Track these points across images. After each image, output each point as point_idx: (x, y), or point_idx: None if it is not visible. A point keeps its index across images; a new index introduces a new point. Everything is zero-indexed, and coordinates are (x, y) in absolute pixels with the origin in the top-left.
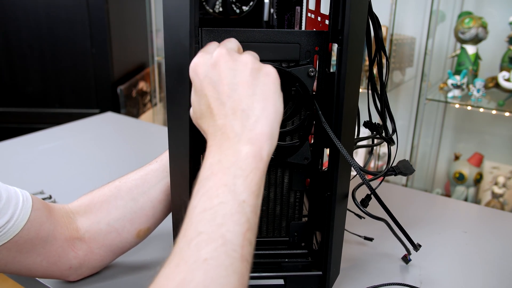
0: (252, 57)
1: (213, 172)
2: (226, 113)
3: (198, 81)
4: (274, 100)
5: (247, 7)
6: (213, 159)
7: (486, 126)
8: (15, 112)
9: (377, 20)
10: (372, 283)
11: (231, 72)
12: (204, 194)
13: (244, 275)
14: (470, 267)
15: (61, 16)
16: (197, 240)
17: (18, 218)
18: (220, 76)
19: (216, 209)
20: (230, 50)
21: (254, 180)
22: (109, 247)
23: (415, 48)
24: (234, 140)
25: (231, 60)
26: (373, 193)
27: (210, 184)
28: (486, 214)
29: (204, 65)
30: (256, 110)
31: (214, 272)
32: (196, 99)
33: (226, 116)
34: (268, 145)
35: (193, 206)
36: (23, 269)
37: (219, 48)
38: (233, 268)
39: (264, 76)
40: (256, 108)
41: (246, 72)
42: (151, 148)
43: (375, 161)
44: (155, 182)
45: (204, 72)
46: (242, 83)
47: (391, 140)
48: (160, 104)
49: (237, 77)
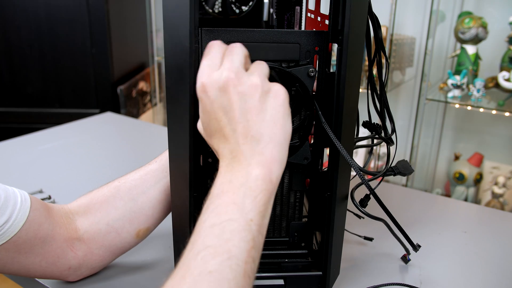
0: (261, 77)
1: (223, 190)
2: (236, 138)
3: (208, 103)
4: (283, 124)
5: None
6: (224, 179)
7: (486, 126)
8: (15, 112)
9: (377, 20)
10: (372, 283)
11: (241, 97)
12: (213, 211)
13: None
14: (470, 267)
15: (61, 16)
16: (204, 253)
17: (17, 218)
18: (230, 101)
19: (224, 224)
20: (238, 71)
21: (262, 200)
22: (108, 247)
23: (415, 48)
24: (245, 163)
25: (240, 83)
26: (372, 193)
27: (220, 202)
28: (486, 214)
29: (212, 88)
30: (265, 136)
31: (217, 285)
32: (206, 119)
33: (237, 141)
34: (277, 168)
35: (202, 221)
36: (22, 270)
37: (227, 69)
38: (236, 282)
39: (274, 98)
40: (265, 134)
41: (255, 96)
42: (151, 148)
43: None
44: (155, 182)
45: (213, 96)
46: (252, 109)
47: (390, 140)
48: (160, 104)
49: (247, 102)
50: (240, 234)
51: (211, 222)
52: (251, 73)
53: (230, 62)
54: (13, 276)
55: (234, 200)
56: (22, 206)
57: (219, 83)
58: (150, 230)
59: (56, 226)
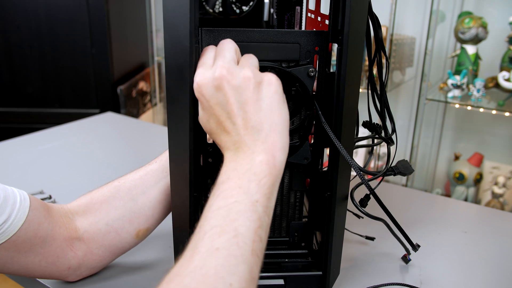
0: (252, 70)
1: (229, 177)
2: (237, 130)
3: (205, 102)
4: (279, 111)
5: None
6: (229, 166)
7: (486, 126)
8: (15, 112)
9: (377, 20)
10: (372, 283)
11: (236, 91)
12: (219, 195)
13: (254, 268)
14: (470, 267)
15: (61, 16)
16: (210, 233)
17: (16, 217)
18: (225, 97)
19: (231, 206)
20: (229, 66)
21: (267, 184)
22: (108, 247)
23: (415, 48)
24: (248, 152)
25: (233, 78)
26: (372, 193)
27: (226, 187)
28: (486, 214)
29: (207, 87)
30: (265, 124)
31: (224, 260)
32: (205, 116)
33: (238, 133)
34: (280, 154)
35: (209, 205)
36: (22, 269)
37: (219, 67)
38: (243, 259)
39: (267, 87)
40: (264, 122)
41: (249, 88)
42: (151, 148)
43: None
44: (155, 182)
45: (209, 94)
46: (248, 100)
47: (390, 140)
48: (160, 104)
49: (243, 95)
50: (246, 214)
51: (217, 206)
52: (242, 66)
53: (221, 59)
54: (13, 276)
55: (239, 184)
56: (22, 205)
57: (213, 81)
58: (150, 231)
59: (56, 226)
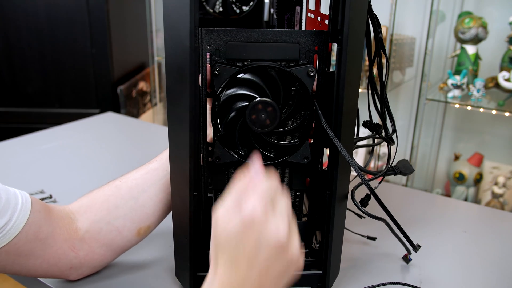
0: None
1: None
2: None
3: (227, 247)
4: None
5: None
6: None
7: (486, 126)
8: (15, 112)
9: (377, 20)
10: (372, 283)
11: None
12: None
13: None
14: (470, 267)
15: (61, 16)
16: None
17: (17, 220)
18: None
19: None
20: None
21: None
22: (110, 246)
23: (415, 48)
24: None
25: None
26: (372, 193)
27: None
28: (486, 214)
29: (235, 237)
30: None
31: None
32: (214, 251)
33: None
34: None
35: None
36: (23, 270)
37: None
38: None
39: (289, 266)
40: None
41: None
42: (151, 148)
43: (375, 161)
44: (155, 180)
45: (234, 245)
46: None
47: (390, 140)
48: (160, 104)
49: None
50: None
51: None
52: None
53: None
54: (14, 276)
55: None
56: (23, 207)
57: (249, 233)
58: (151, 229)
59: (57, 227)
